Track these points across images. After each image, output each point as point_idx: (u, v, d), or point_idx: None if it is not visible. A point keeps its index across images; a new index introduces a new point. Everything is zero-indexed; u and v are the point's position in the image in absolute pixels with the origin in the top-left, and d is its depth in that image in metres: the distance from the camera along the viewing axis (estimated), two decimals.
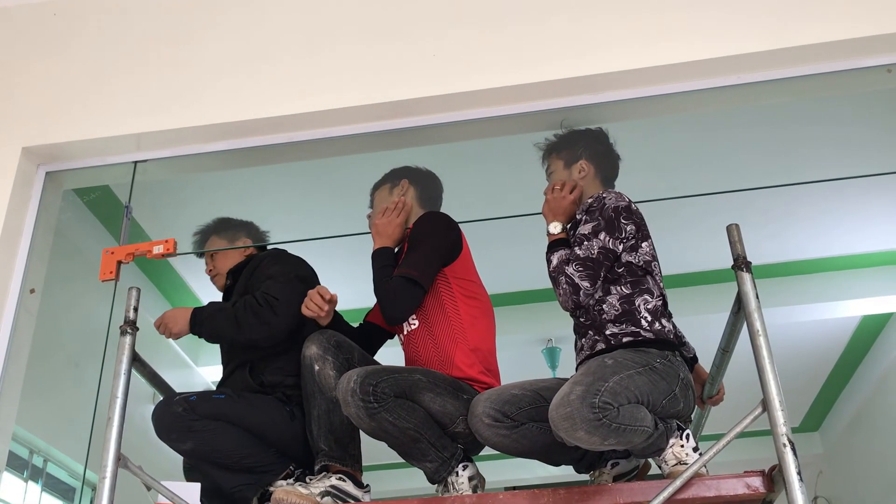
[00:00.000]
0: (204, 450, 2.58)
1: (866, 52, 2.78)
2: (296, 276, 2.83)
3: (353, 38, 3.08)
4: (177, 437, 2.58)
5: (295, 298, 2.71)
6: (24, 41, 3.31)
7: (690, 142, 4.02)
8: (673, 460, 2.30)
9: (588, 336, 2.46)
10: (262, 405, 2.68)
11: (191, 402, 2.59)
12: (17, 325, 2.88)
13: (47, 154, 3.11)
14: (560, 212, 2.63)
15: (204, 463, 2.62)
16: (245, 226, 3.14)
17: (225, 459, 2.59)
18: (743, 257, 2.28)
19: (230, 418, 2.60)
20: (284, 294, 2.74)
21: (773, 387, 2.12)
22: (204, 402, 2.61)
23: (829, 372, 6.73)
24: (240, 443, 2.59)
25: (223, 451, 2.58)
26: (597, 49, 2.88)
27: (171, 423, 2.57)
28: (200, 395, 2.66)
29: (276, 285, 2.78)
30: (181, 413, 2.56)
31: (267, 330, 2.71)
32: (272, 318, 2.70)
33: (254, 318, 2.70)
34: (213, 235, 3.09)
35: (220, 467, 2.60)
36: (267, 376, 2.76)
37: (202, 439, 2.56)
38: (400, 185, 2.91)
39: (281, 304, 2.71)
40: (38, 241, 3.04)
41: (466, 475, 2.45)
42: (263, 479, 2.60)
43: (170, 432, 2.58)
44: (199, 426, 2.55)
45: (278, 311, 2.71)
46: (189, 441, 2.57)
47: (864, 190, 4.51)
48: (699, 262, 5.01)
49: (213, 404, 2.62)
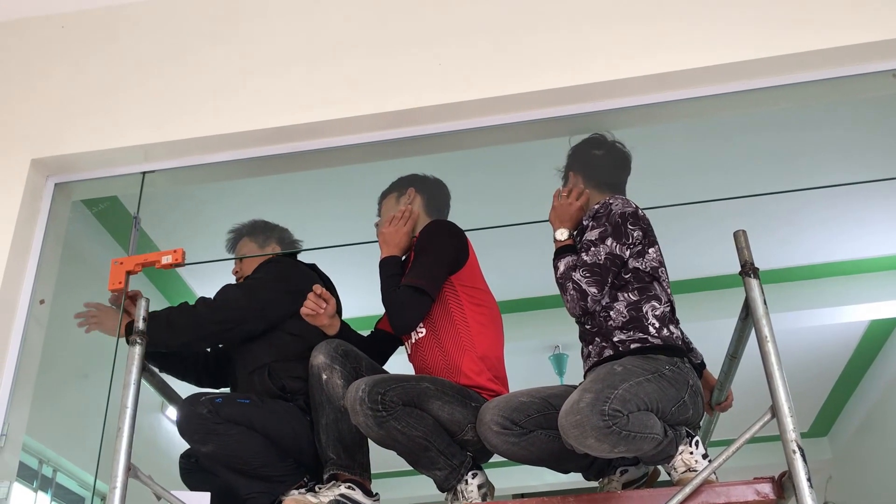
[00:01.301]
0: (223, 453, 2.58)
1: (871, 57, 2.79)
2: (272, 287, 2.85)
3: (358, 49, 3.09)
4: (199, 438, 2.58)
5: (246, 303, 2.78)
6: (32, 53, 3.33)
7: (697, 148, 4.02)
8: (682, 467, 2.30)
9: (595, 343, 2.46)
10: (285, 414, 2.68)
11: (216, 403, 2.58)
12: (26, 335, 2.90)
13: (56, 165, 3.13)
14: (567, 218, 2.64)
15: (221, 467, 2.62)
16: (277, 231, 3.16)
17: (243, 465, 2.59)
18: (750, 263, 2.28)
19: (253, 424, 2.60)
20: (232, 294, 2.80)
21: (782, 393, 2.11)
22: (229, 406, 2.61)
23: (838, 377, 6.71)
24: (259, 450, 2.59)
25: (242, 457, 2.58)
26: (601, 57, 2.89)
27: (194, 425, 2.57)
28: (226, 398, 2.66)
29: (233, 288, 2.85)
30: (205, 415, 2.56)
31: (196, 328, 2.76)
32: (202, 316, 2.75)
33: (185, 320, 2.74)
34: (246, 237, 3.12)
35: (237, 472, 2.60)
36: (288, 381, 2.77)
37: (223, 443, 2.56)
38: (407, 193, 2.92)
39: (218, 301, 2.76)
40: (48, 252, 3.06)
41: (476, 483, 2.45)
42: (278, 488, 2.59)
43: (193, 433, 2.59)
44: (222, 430, 2.56)
45: (216, 309, 2.76)
46: (210, 444, 2.57)
47: (870, 195, 4.50)
48: (706, 268, 5.00)
49: (238, 409, 2.61)
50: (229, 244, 3.15)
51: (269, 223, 3.16)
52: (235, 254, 3.12)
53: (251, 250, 3.08)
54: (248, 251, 3.08)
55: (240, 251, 3.11)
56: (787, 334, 5.47)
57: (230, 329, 2.80)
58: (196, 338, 2.81)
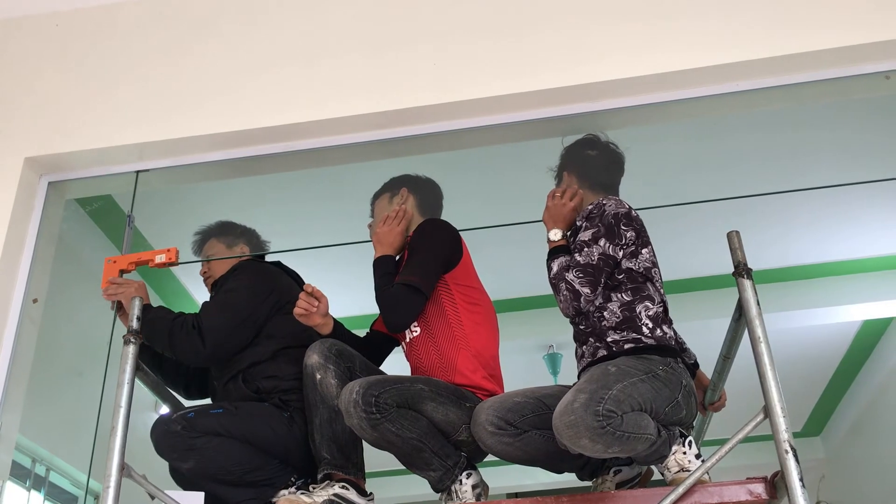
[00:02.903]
0: (206, 467, 2.55)
1: (865, 58, 2.80)
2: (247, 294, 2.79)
3: (353, 48, 3.09)
4: (178, 456, 2.56)
5: (231, 321, 2.72)
6: (26, 52, 3.32)
7: (690, 149, 4.03)
8: (675, 467, 2.31)
9: (589, 343, 2.46)
10: (260, 414, 2.65)
11: (189, 419, 2.55)
12: (20, 334, 2.89)
13: (50, 164, 3.12)
14: (560, 219, 2.64)
15: (206, 481, 2.58)
16: (246, 233, 3.12)
17: (227, 475, 2.56)
18: (744, 264, 2.28)
19: (231, 432, 2.57)
20: (215, 317, 2.73)
21: (775, 393, 2.12)
22: (202, 418, 2.58)
23: (831, 377, 6.73)
24: (242, 457, 2.57)
25: (225, 467, 2.56)
26: (596, 57, 2.89)
27: (171, 443, 2.54)
28: (198, 411, 2.62)
29: (212, 307, 2.78)
30: (180, 431, 2.53)
31: (194, 357, 2.73)
32: (200, 348, 2.69)
33: (185, 341, 2.68)
34: (214, 238, 3.08)
35: (224, 483, 2.57)
36: (262, 382, 2.74)
37: (204, 457, 2.53)
38: (400, 193, 2.92)
39: (207, 331, 2.69)
40: (41, 251, 3.05)
41: (470, 483, 2.45)
42: (267, 492, 2.58)
43: (171, 452, 2.56)
44: (200, 444, 2.53)
45: (206, 340, 2.69)
46: (191, 460, 2.54)
47: (863, 195, 4.51)
48: (700, 268, 5.02)
49: (212, 419, 2.58)
50: (196, 246, 3.10)
51: (237, 224, 3.12)
52: (202, 255, 3.08)
53: (220, 251, 3.05)
54: (217, 252, 3.05)
55: (207, 251, 3.08)
56: (780, 334, 5.49)
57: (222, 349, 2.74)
58: (193, 361, 2.78)
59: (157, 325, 2.71)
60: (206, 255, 3.07)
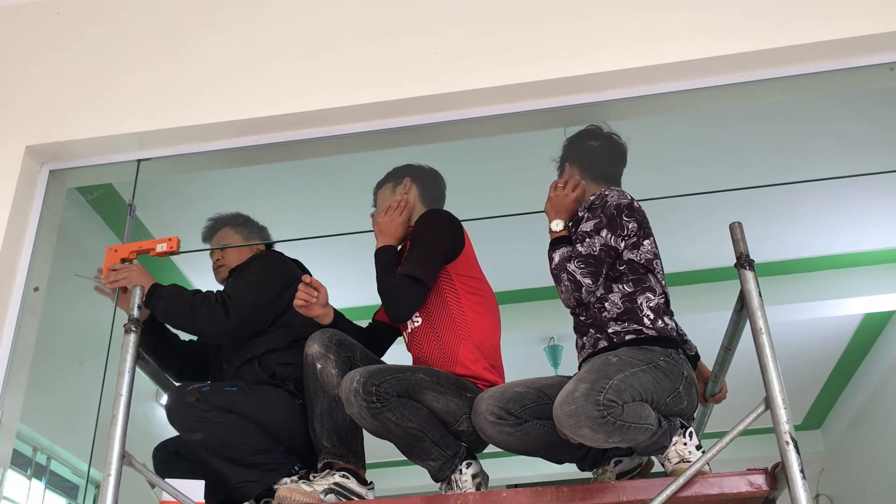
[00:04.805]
0: (213, 441, 2.59)
1: (868, 50, 2.79)
2: (272, 279, 2.85)
3: (355, 37, 3.08)
4: (188, 426, 2.59)
5: (254, 300, 2.78)
6: (27, 40, 3.32)
7: (693, 140, 4.03)
8: (676, 458, 2.31)
9: (590, 334, 2.46)
10: (273, 400, 2.68)
11: (203, 392, 2.60)
12: (21, 323, 2.89)
13: (51, 152, 3.12)
14: (562, 209, 2.64)
15: (211, 455, 2.62)
16: (261, 231, 3.17)
17: (233, 453, 2.59)
18: (745, 255, 2.28)
19: (242, 411, 2.60)
20: (241, 294, 2.79)
21: (776, 385, 2.12)
22: (216, 394, 2.62)
23: (831, 370, 6.74)
24: (249, 437, 2.60)
25: (232, 445, 2.58)
26: (599, 47, 2.88)
27: (183, 413, 2.58)
28: (213, 387, 2.67)
29: (240, 285, 2.84)
30: (193, 403, 2.57)
31: (217, 327, 2.75)
32: (223, 318, 2.73)
33: (207, 313, 2.73)
34: (230, 228, 3.12)
35: (228, 460, 2.60)
36: (278, 368, 2.77)
37: (212, 431, 2.57)
38: (402, 183, 2.91)
39: (234, 304, 2.75)
40: (42, 240, 3.05)
41: (470, 473, 2.45)
42: (268, 476, 2.60)
43: (182, 421, 2.59)
44: (211, 417, 2.56)
45: (231, 312, 2.74)
46: (199, 431, 2.57)
47: (865, 188, 4.51)
48: (701, 260, 5.01)
49: (226, 396, 2.62)
50: (208, 231, 3.15)
51: (252, 219, 3.17)
52: (212, 242, 3.12)
53: (234, 240, 3.09)
54: (232, 241, 3.09)
55: (220, 240, 3.11)
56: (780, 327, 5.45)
57: (244, 326, 2.80)
58: (213, 333, 2.81)
59: (174, 300, 2.75)
60: (220, 243, 3.11)
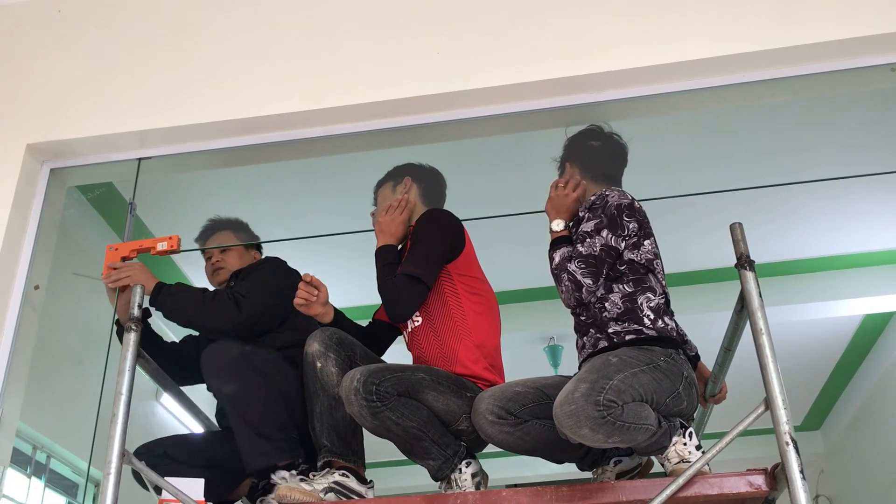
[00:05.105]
0: (242, 399, 2.60)
1: (870, 51, 2.78)
2: (280, 284, 2.87)
3: (356, 36, 3.08)
4: (225, 376, 2.62)
5: (265, 300, 2.81)
6: (28, 38, 3.31)
7: (694, 140, 4.03)
8: (676, 458, 2.31)
9: (590, 334, 2.46)
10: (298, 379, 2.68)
11: (245, 351, 2.65)
12: (21, 321, 2.89)
13: (52, 151, 3.12)
14: (563, 209, 2.64)
15: (234, 413, 2.62)
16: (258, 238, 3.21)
17: (254, 418, 2.59)
18: (746, 256, 2.28)
19: (275, 380, 2.64)
20: (253, 294, 2.81)
21: (776, 385, 2.12)
22: (258, 356, 2.67)
23: (831, 371, 6.74)
24: (274, 408, 2.61)
25: (257, 410, 2.59)
26: (600, 48, 2.88)
27: (225, 362, 2.62)
28: (255, 350, 2.71)
29: (252, 285, 2.86)
30: (236, 356, 2.61)
31: (228, 324, 2.78)
32: (235, 314, 2.77)
33: (219, 310, 2.76)
34: (228, 230, 3.15)
35: (247, 424, 2.59)
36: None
37: (245, 389, 2.59)
38: (403, 182, 2.91)
39: (246, 302, 2.78)
40: (43, 238, 3.05)
41: (469, 472, 2.45)
42: (277, 455, 2.58)
43: (220, 370, 2.63)
44: (249, 375, 2.60)
45: (243, 309, 2.77)
46: (234, 385, 2.60)
47: (866, 189, 4.51)
48: (702, 261, 5.01)
49: (264, 362, 2.66)
50: (205, 231, 3.16)
51: (250, 227, 3.21)
52: (210, 243, 3.13)
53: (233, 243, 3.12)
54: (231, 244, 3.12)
55: (219, 242, 3.13)
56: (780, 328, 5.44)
57: (254, 325, 2.82)
58: (221, 329, 2.81)
59: (183, 297, 2.78)
60: (217, 244, 3.12)
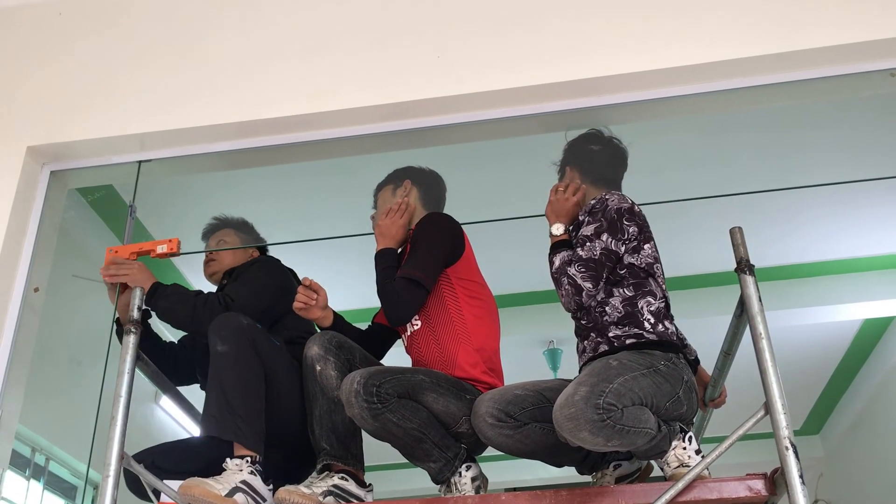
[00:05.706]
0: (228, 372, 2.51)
1: (870, 56, 2.79)
2: (272, 285, 2.87)
3: (356, 40, 3.08)
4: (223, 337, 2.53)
5: (255, 303, 2.78)
6: (29, 41, 3.32)
7: (694, 144, 4.03)
8: (675, 462, 2.31)
9: (590, 338, 2.46)
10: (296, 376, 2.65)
11: (257, 328, 2.61)
12: (21, 323, 2.89)
13: (52, 153, 3.12)
14: (563, 213, 2.64)
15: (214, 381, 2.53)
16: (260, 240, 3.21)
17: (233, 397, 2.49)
18: (746, 260, 2.28)
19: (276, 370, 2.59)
20: (243, 297, 2.79)
21: (776, 390, 2.12)
22: (264, 337, 2.62)
23: (831, 375, 6.74)
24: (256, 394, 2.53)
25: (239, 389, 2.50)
26: (601, 52, 2.88)
27: (232, 327, 2.55)
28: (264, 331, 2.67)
29: (242, 289, 2.84)
30: (245, 326, 2.56)
31: None
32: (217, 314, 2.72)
33: (208, 313, 2.70)
34: (232, 229, 3.16)
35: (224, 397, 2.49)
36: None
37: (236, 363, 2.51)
38: (403, 185, 2.92)
39: (236, 306, 2.74)
40: (43, 240, 3.05)
41: (469, 475, 2.45)
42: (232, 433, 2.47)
43: (223, 330, 2.55)
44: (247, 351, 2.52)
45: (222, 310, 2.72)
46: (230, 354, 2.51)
47: (866, 193, 4.52)
48: (702, 265, 5.02)
49: (270, 345, 2.63)
50: (209, 228, 3.17)
51: (255, 228, 3.21)
52: (212, 238, 3.14)
53: (234, 243, 3.12)
54: (232, 242, 3.12)
55: (219, 237, 3.14)
56: (780, 332, 5.46)
57: None
58: None
59: (176, 299, 2.76)
60: (219, 241, 3.13)
